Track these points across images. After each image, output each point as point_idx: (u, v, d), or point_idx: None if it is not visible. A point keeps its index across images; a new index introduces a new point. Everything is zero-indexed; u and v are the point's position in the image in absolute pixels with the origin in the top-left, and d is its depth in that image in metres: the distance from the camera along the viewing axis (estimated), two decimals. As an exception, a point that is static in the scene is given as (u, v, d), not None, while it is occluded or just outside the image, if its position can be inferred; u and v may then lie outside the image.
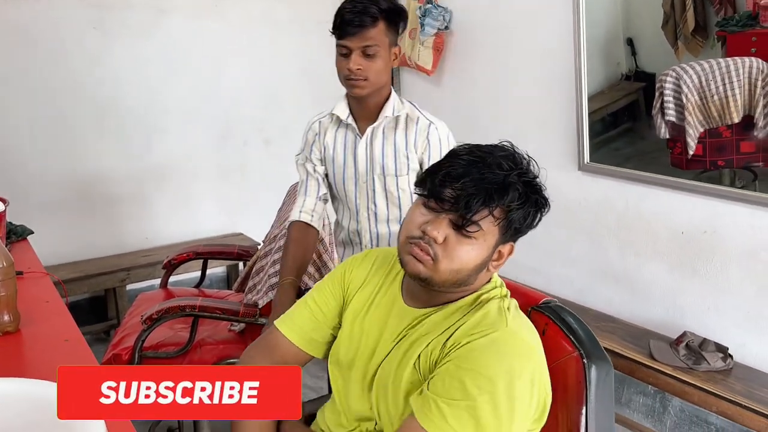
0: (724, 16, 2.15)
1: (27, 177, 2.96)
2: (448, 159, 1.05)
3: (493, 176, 0.99)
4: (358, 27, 1.55)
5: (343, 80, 1.62)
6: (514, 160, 1.04)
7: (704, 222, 2.31)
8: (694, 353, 2.16)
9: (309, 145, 1.79)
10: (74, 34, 2.98)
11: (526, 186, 1.02)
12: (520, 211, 1.01)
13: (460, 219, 0.99)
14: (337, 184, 1.77)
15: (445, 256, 1.01)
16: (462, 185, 0.99)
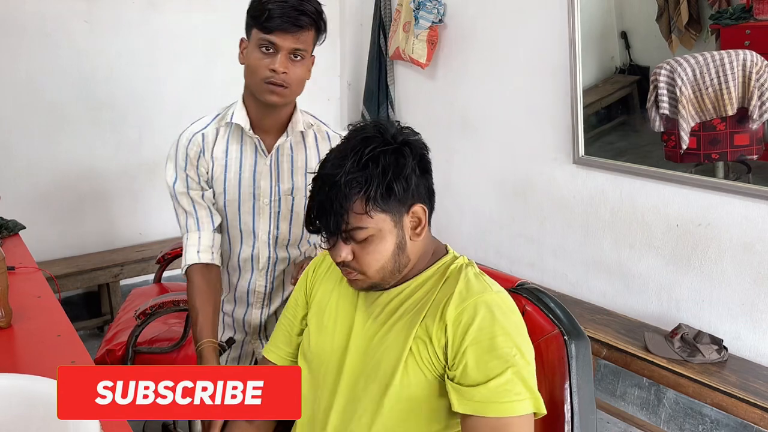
0: (717, 9, 2.15)
1: (18, 172, 2.93)
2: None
3: (329, 187, 1.01)
4: (295, 25, 1.35)
5: (260, 82, 1.38)
6: (346, 149, 1.03)
7: (699, 215, 2.31)
8: (689, 345, 2.16)
9: (192, 165, 1.49)
10: (64, 28, 2.95)
11: (365, 166, 1.00)
12: (374, 191, 1.00)
13: (342, 234, 1.03)
14: (228, 206, 1.52)
15: (364, 265, 1.05)
16: (319, 212, 1.03)
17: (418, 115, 3.48)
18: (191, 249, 1.48)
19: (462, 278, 1.05)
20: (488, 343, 0.97)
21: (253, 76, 1.39)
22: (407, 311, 1.07)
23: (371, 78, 3.57)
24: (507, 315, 1.01)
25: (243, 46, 1.44)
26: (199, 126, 1.50)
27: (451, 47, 3.21)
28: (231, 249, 1.57)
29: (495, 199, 3.10)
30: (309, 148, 1.54)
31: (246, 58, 1.41)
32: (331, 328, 1.15)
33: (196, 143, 1.47)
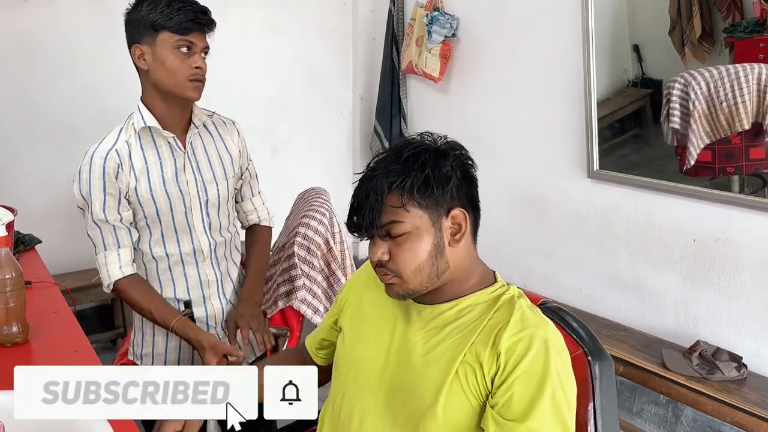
0: (731, 22, 2.14)
1: (33, 186, 2.95)
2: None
3: (369, 181, 1.03)
4: (206, 25, 1.50)
5: (184, 80, 1.48)
6: (390, 150, 1.06)
7: (716, 230, 2.29)
8: (708, 362, 2.13)
9: (111, 183, 1.51)
10: (80, 42, 2.98)
11: (406, 161, 1.02)
12: (411, 182, 1.00)
13: (378, 230, 1.03)
14: (161, 209, 1.56)
15: (399, 265, 1.03)
16: (357, 207, 1.04)
17: (430, 128, 3.42)
18: (113, 266, 1.54)
19: (517, 308, 1.03)
20: (537, 381, 0.95)
21: (173, 75, 1.47)
22: (454, 332, 1.05)
23: (384, 91, 3.58)
24: (560, 354, 0.99)
25: (140, 52, 1.49)
26: (109, 144, 1.54)
27: (464, 61, 3.22)
28: (172, 250, 1.61)
29: (509, 213, 3.09)
30: (215, 137, 1.65)
31: (156, 62, 1.47)
32: (369, 336, 1.14)
33: (113, 159, 1.51)
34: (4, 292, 1.31)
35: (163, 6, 1.45)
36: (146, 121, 1.53)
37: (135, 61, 1.52)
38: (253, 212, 1.81)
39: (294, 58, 3.57)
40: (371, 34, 3.79)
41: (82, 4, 2.95)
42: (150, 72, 1.50)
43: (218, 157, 1.64)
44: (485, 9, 3.07)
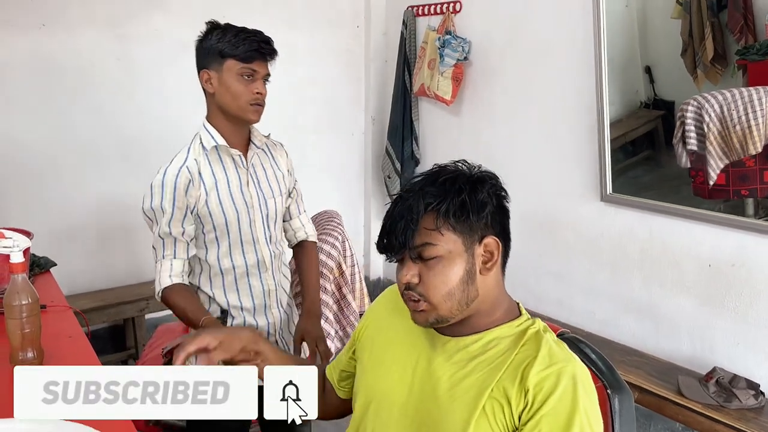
0: (744, 44, 2.14)
1: (50, 208, 2.98)
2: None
3: (405, 200, 1.02)
4: (268, 54, 1.61)
5: (245, 105, 1.60)
6: (429, 175, 1.05)
7: (732, 254, 2.26)
8: (725, 390, 2.10)
9: (181, 197, 1.61)
10: (99, 66, 3.03)
11: (442, 184, 1.02)
12: (447, 206, 1.00)
13: (411, 252, 1.02)
14: (229, 220, 1.65)
15: (429, 289, 1.01)
16: (390, 227, 1.02)
17: (442, 150, 3.50)
18: (164, 274, 1.63)
19: (544, 343, 1.02)
20: (565, 419, 0.94)
21: (237, 100, 1.59)
22: (480, 366, 1.03)
23: (396, 113, 3.60)
24: (588, 392, 0.97)
25: (207, 77, 1.61)
26: (179, 161, 1.65)
27: (476, 84, 3.23)
28: (238, 262, 1.69)
29: (521, 236, 3.06)
30: (270, 157, 1.78)
31: (222, 86, 1.59)
32: (391, 367, 1.12)
33: (184, 175, 1.62)
34: (20, 318, 1.32)
35: (230, 36, 1.58)
36: (216, 140, 1.65)
37: (203, 84, 1.64)
38: (301, 229, 1.89)
39: (307, 80, 3.60)
40: (384, 57, 3.82)
41: (101, 29, 3.01)
42: (216, 95, 1.61)
43: (273, 175, 1.77)
44: (497, 32, 3.09)
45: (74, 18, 2.93)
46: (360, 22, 3.79)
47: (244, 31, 1.60)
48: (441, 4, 3.34)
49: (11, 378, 1.33)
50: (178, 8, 3.17)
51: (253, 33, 1.61)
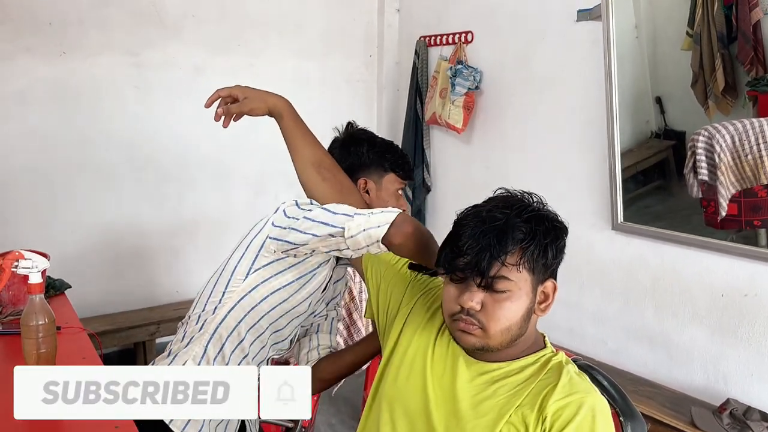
0: (754, 76, 2.15)
1: (65, 231, 3.02)
2: (453, 229, 1.06)
3: (491, 228, 1.01)
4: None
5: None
6: (508, 202, 1.06)
7: (744, 284, 2.25)
8: (739, 422, 2.07)
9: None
10: (115, 92, 3.10)
11: (528, 221, 1.02)
12: (534, 247, 1.01)
13: (484, 280, 1.01)
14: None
15: (490, 320, 1.02)
16: (467, 249, 1.00)
17: (453, 178, 3.52)
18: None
19: (565, 373, 1.03)
20: None
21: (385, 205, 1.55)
22: (501, 391, 1.04)
23: (407, 141, 3.63)
24: (607, 423, 0.98)
25: (365, 186, 1.58)
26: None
27: (487, 113, 3.27)
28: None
29: (531, 263, 3.07)
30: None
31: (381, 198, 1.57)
32: (416, 379, 1.12)
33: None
34: (36, 338, 1.33)
35: (393, 152, 1.61)
36: None
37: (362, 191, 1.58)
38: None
39: (321, 108, 3.64)
40: (396, 86, 3.87)
41: (119, 57, 3.08)
42: (370, 205, 1.50)
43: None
44: (509, 62, 3.13)
45: (93, 46, 3.00)
46: (373, 52, 3.86)
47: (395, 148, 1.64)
48: (453, 34, 3.40)
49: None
50: (192, 36, 3.25)
51: (400, 150, 1.65)
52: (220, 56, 3.33)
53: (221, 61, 3.33)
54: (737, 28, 2.17)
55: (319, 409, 2.44)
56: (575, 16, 2.76)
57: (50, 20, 2.89)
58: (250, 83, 3.87)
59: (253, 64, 3.42)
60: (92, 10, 2.97)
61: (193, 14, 3.23)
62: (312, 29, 3.60)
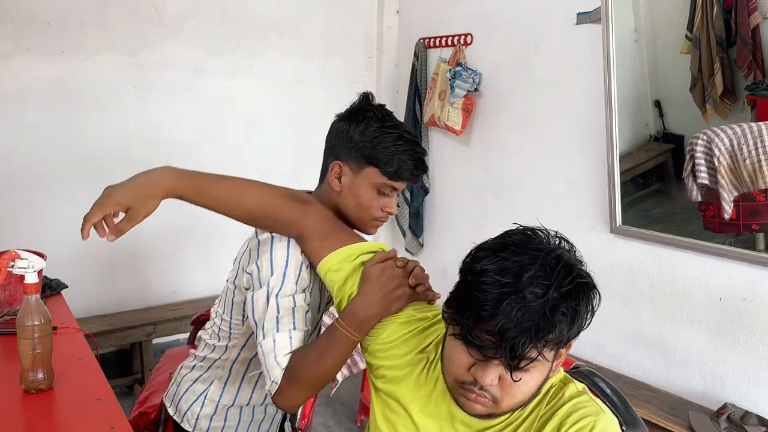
0: (753, 80, 2.15)
1: (62, 229, 3.01)
2: (473, 287, 0.87)
3: (532, 308, 0.84)
4: (421, 175, 1.34)
5: (370, 219, 1.33)
6: (547, 268, 0.87)
7: (743, 289, 2.25)
8: (736, 426, 2.07)
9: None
10: (114, 92, 3.09)
11: (570, 296, 0.86)
12: (575, 328, 0.88)
13: (510, 362, 0.86)
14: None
15: (505, 395, 0.91)
16: (500, 329, 0.83)
17: (452, 180, 3.52)
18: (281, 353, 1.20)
19: (565, 398, 0.97)
20: None
21: (364, 212, 1.32)
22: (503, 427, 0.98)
23: (406, 143, 3.63)
24: None
25: (339, 172, 1.33)
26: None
27: (486, 115, 3.27)
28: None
29: (529, 266, 3.07)
30: None
31: (352, 191, 1.32)
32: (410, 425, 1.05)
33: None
34: (31, 339, 1.33)
35: (389, 142, 1.29)
36: None
37: (328, 174, 1.35)
38: None
39: (320, 109, 3.64)
40: (395, 88, 3.87)
41: (118, 57, 3.07)
42: (340, 195, 1.33)
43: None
44: (508, 65, 3.13)
45: (92, 46, 3.00)
46: (372, 53, 3.86)
47: (403, 140, 1.30)
48: (452, 36, 3.40)
49: (22, 398, 1.34)
50: (192, 36, 3.24)
51: (412, 145, 1.31)
52: (219, 57, 3.33)
53: (221, 62, 3.33)
54: (736, 32, 2.18)
55: (316, 411, 2.44)
56: (575, 19, 2.76)
57: (49, 20, 2.89)
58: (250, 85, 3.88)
59: (252, 65, 3.42)
60: (92, 10, 2.97)
61: (193, 14, 3.23)
62: (312, 31, 3.60)
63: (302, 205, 1.24)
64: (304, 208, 1.24)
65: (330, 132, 1.39)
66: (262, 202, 1.23)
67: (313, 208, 1.25)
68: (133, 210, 1.14)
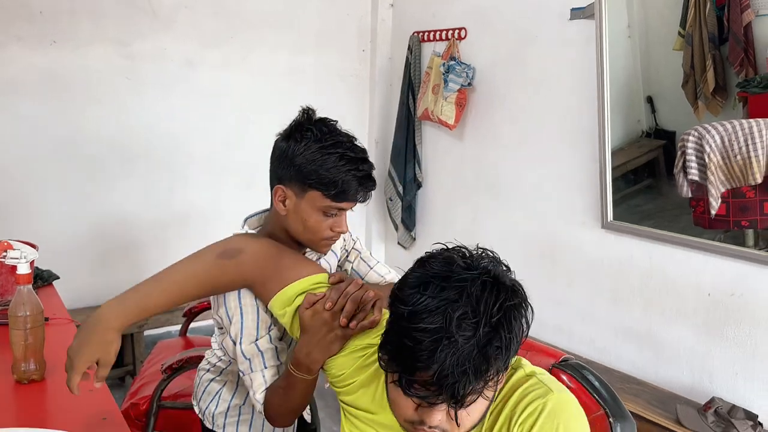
0: (745, 77, 2.17)
1: (53, 222, 3.00)
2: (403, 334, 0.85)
3: (466, 351, 0.82)
4: (368, 192, 1.29)
5: (320, 240, 1.30)
6: (473, 302, 0.84)
7: (731, 284, 2.27)
8: (723, 420, 2.09)
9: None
10: (107, 83, 3.08)
11: (502, 329, 0.84)
12: (513, 353, 0.87)
13: (453, 405, 0.85)
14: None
15: (454, 428, 0.90)
16: (438, 377, 0.82)
17: (445, 174, 3.52)
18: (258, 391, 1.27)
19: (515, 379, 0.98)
20: None
21: (312, 234, 1.29)
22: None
23: (399, 137, 3.63)
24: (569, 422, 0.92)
25: (283, 196, 1.29)
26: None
27: (479, 109, 3.27)
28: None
29: (521, 261, 3.08)
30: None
31: (297, 215, 1.28)
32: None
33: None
34: (23, 329, 1.33)
35: (330, 164, 1.22)
36: None
37: (273, 198, 1.31)
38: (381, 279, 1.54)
39: (313, 103, 3.64)
40: (388, 81, 3.87)
41: (109, 48, 3.06)
42: (287, 219, 1.30)
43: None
44: (501, 60, 3.13)
45: (84, 36, 2.98)
46: (366, 47, 3.85)
47: (345, 159, 1.23)
48: (446, 30, 3.40)
49: (13, 389, 1.34)
50: (185, 28, 3.23)
51: (355, 163, 1.24)
52: (212, 49, 3.31)
53: (214, 54, 3.32)
54: (729, 29, 2.19)
55: (307, 404, 2.45)
56: (568, 14, 2.76)
57: (41, 9, 2.87)
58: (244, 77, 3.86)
59: (246, 57, 3.41)
60: (84, 0, 2.95)
61: (186, 5, 3.22)
62: (305, 24, 3.59)
63: (235, 260, 1.23)
64: (237, 263, 1.23)
65: (273, 152, 1.34)
66: (196, 282, 1.24)
67: (246, 257, 1.23)
68: (102, 359, 1.19)
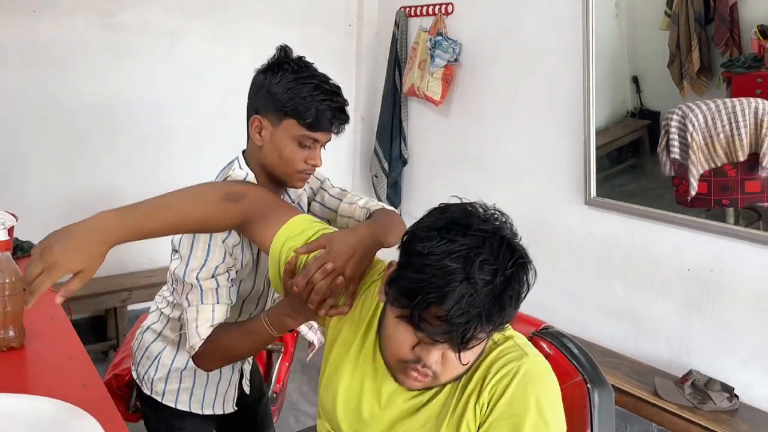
0: (729, 57, 2.18)
1: (34, 193, 2.96)
2: (421, 271, 0.86)
3: (482, 294, 0.84)
4: (343, 123, 1.32)
5: (294, 172, 1.32)
6: (494, 251, 0.86)
7: (711, 260, 2.30)
8: (700, 392, 2.14)
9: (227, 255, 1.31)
10: (89, 55, 3.02)
11: (514, 281, 0.87)
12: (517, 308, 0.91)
13: (459, 346, 0.87)
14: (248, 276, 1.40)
15: (446, 371, 0.93)
16: (451, 315, 0.83)
17: (430, 150, 3.52)
18: (204, 325, 1.28)
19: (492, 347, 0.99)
20: (516, 423, 0.92)
21: (286, 165, 1.32)
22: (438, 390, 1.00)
23: (385, 113, 3.62)
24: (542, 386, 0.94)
25: (258, 126, 1.32)
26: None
27: (466, 86, 3.26)
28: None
29: (505, 238, 3.10)
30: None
31: (273, 145, 1.31)
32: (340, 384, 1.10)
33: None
34: (2, 296, 1.32)
35: (305, 92, 1.27)
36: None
37: (250, 129, 1.35)
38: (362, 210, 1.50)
39: (298, 78, 3.62)
40: (375, 57, 3.84)
41: (91, 18, 3.00)
42: (262, 150, 1.33)
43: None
44: (488, 36, 3.12)
45: (65, 5, 2.92)
46: (352, 22, 3.81)
47: (320, 90, 1.28)
48: (433, 5, 3.37)
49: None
50: (169, -1, 3.18)
51: (329, 95, 1.29)
52: (196, 21, 3.26)
53: (197, 25, 3.27)
54: (715, 9, 2.19)
55: (291, 377, 2.46)
56: (556, -9, 2.75)
57: (20, -23, 2.80)
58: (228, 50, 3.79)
59: (229, 30, 3.36)
60: (64, -32, 2.89)
61: (169, -24, 3.16)
62: (291, -2, 3.55)
63: (239, 205, 1.22)
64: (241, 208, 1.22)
65: (250, 86, 1.37)
66: (195, 219, 1.25)
67: (248, 202, 1.22)
68: (85, 271, 1.11)
